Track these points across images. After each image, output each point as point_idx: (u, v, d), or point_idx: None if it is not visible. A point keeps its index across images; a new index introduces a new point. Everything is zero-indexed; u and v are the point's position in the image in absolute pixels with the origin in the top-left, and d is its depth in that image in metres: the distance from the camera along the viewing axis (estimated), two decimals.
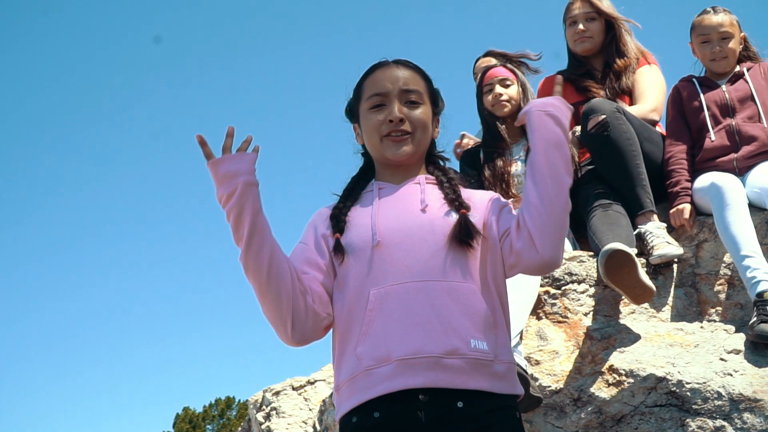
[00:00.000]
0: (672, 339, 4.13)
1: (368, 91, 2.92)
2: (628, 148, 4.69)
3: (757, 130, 4.74)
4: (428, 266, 2.68)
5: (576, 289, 4.41)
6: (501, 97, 4.97)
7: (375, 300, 2.66)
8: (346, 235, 2.79)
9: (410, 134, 2.87)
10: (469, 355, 2.60)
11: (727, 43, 4.95)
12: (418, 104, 2.89)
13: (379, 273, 2.69)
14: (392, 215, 2.79)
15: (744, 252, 4.22)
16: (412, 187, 2.88)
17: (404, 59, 2.99)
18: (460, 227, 2.72)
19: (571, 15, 5.46)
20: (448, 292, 2.66)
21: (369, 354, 2.63)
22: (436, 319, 2.62)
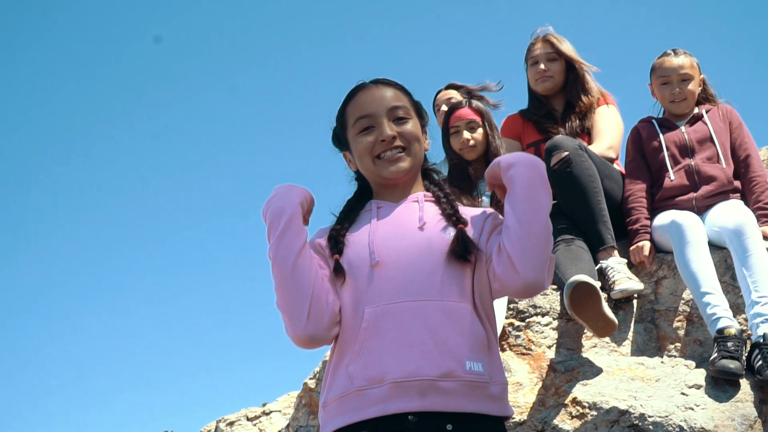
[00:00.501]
0: (633, 373, 4.18)
1: (353, 115, 2.91)
2: (590, 185, 4.77)
3: (716, 170, 4.84)
4: (424, 285, 2.67)
5: (540, 321, 4.45)
6: (468, 143, 5.04)
7: (370, 319, 2.64)
8: (344, 255, 2.77)
9: (405, 149, 2.86)
10: (465, 378, 2.59)
11: (686, 84, 5.07)
12: (407, 119, 2.88)
13: (375, 292, 2.67)
14: (390, 234, 2.78)
15: (704, 289, 4.30)
16: (410, 205, 2.87)
17: (382, 78, 2.99)
18: (458, 242, 2.71)
19: (532, 55, 5.56)
20: (444, 312, 2.64)
21: (362, 374, 2.60)
22: (432, 340, 2.60)
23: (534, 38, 5.61)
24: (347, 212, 2.93)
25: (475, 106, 5.14)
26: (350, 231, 2.85)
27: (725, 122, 5.04)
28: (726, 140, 4.98)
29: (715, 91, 5.24)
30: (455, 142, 5.07)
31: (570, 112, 5.45)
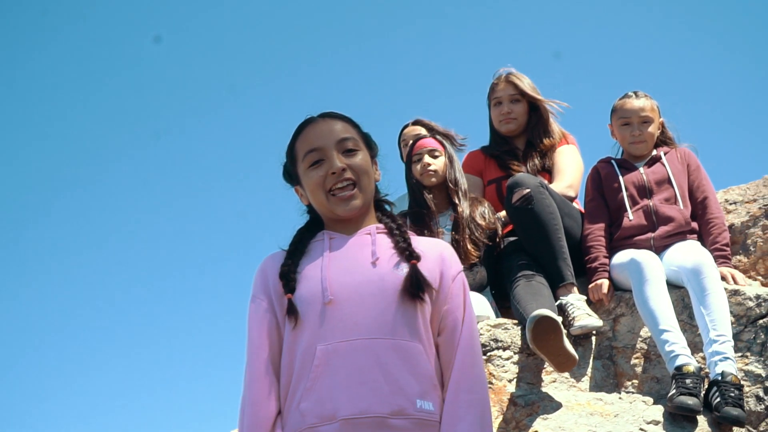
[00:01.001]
0: (592, 408, 4.22)
1: (303, 149, 2.91)
2: (551, 222, 4.83)
3: (674, 211, 4.93)
4: (377, 324, 2.68)
5: (501, 355, 4.48)
6: (429, 167, 5.09)
7: (322, 356, 2.65)
8: (296, 292, 2.77)
9: (355, 183, 2.86)
10: (415, 416, 2.62)
11: (646, 127, 5.17)
12: (356, 151, 2.89)
13: (327, 329, 2.68)
14: (343, 269, 2.78)
15: (663, 326, 4.37)
16: (363, 238, 2.87)
17: (329, 111, 3.00)
18: (411, 280, 2.73)
19: (495, 96, 5.64)
20: (396, 351, 2.66)
21: (313, 411, 2.62)
22: (383, 378, 2.62)
23: (496, 78, 5.69)
24: (297, 244, 2.92)
25: (438, 138, 5.22)
26: (302, 264, 2.84)
27: (683, 164, 5.14)
28: (684, 182, 5.08)
29: (674, 135, 5.35)
30: (417, 168, 5.12)
31: (531, 151, 5.53)
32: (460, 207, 4.99)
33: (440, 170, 5.12)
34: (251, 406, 2.70)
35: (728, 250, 4.88)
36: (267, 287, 2.83)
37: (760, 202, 5.32)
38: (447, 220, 5.04)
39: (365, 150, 2.93)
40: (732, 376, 4.15)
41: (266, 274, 2.86)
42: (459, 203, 5.01)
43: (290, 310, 2.74)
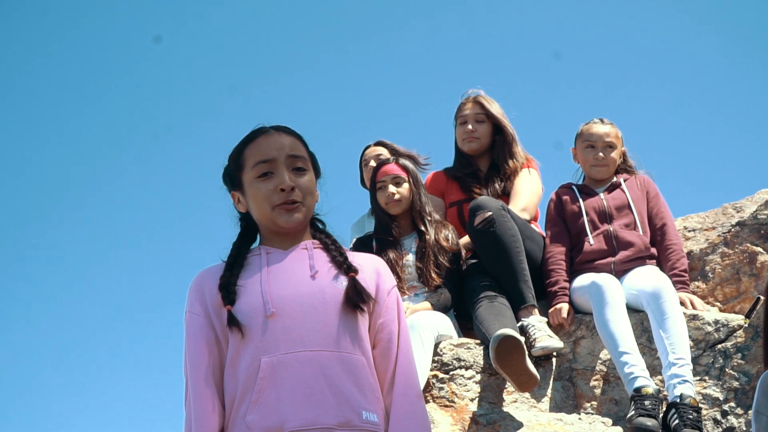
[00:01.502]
0: (552, 428, 4.26)
1: (252, 158, 2.90)
2: (512, 245, 4.88)
3: (634, 236, 5.01)
4: (320, 336, 2.69)
5: (463, 374, 4.51)
6: (394, 197, 5.10)
7: (266, 369, 2.65)
8: (237, 305, 2.76)
9: (300, 203, 2.86)
10: (361, 427, 2.63)
11: (610, 152, 5.26)
12: (305, 171, 2.89)
13: (271, 342, 2.68)
14: (282, 283, 2.79)
15: (622, 348, 4.42)
16: (299, 253, 2.88)
17: (283, 125, 2.99)
18: (352, 291, 2.76)
19: (462, 114, 5.69)
20: (341, 363, 2.68)
21: (260, 423, 2.61)
22: (329, 390, 2.63)
23: (464, 98, 5.75)
24: (236, 256, 2.92)
25: (402, 163, 5.22)
26: (240, 277, 2.83)
27: (642, 191, 5.23)
28: (643, 208, 5.16)
29: (634, 163, 5.44)
30: (381, 196, 5.13)
31: (494, 174, 5.58)
32: (427, 234, 5.02)
33: (405, 198, 5.13)
34: (197, 420, 2.69)
35: (687, 276, 4.96)
36: (203, 301, 2.82)
37: (719, 229, 5.41)
38: (412, 242, 5.07)
39: (311, 171, 2.94)
40: (690, 398, 4.21)
41: (202, 288, 2.85)
42: (426, 230, 5.04)
43: (231, 321, 2.73)
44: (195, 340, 2.77)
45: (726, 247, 5.28)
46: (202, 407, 2.70)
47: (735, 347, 4.53)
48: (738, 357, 4.49)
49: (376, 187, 5.19)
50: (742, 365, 4.47)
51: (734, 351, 4.52)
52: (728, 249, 5.26)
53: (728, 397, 4.41)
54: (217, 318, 2.77)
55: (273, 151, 2.87)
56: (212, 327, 2.77)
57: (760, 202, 5.37)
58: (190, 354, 2.77)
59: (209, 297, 2.81)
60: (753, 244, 5.19)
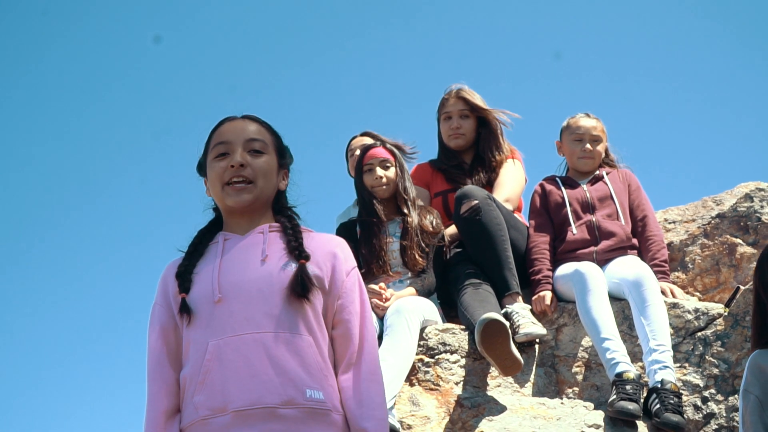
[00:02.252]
0: (535, 412, 4.33)
1: (213, 141, 2.97)
2: (498, 233, 4.95)
3: (616, 227, 5.09)
4: (266, 318, 2.75)
5: (449, 359, 4.57)
6: (381, 180, 5.14)
7: (213, 351, 2.72)
8: (191, 292, 2.83)
9: (252, 182, 2.90)
10: (305, 405, 2.68)
11: (596, 145, 5.36)
12: (262, 153, 2.94)
13: (218, 326, 2.75)
14: (234, 268, 2.84)
15: (604, 335, 4.50)
16: (255, 237, 2.92)
17: (253, 115, 3.05)
18: (297, 280, 2.79)
19: (446, 110, 5.75)
20: (285, 343, 2.72)
21: (205, 404, 2.68)
22: (273, 370, 2.68)
23: (447, 93, 5.80)
24: (196, 245, 2.97)
25: (389, 147, 5.27)
26: (199, 265, 2.90)
27: (624, 184, 5.32)
28: (625, 200, 5.24)
29: (616, 157, 5.53)
30: (368, 178, 5.16)
31: (478, 165, 5.64)
32: (410, 216, 5.05)
33: (391, 181, 5.18)
34: (149, 402, 2.78)
35: (667, 266, 5.05)
36: (166, 291, 2.90)
37: (699, 222, 5.51)
38: (396, 227, 5.11)
39: (273, 155, 2.98)
40: (671, 384, 4.29)
41: (166, 279, 2.93)
42: (408, 213, 5.07)
43: (182, 308, 2.80)
44: (151, 327, 2.87)
45: (706, 239, 5.37)
46: (152, 389, 2.79)
47: (715, 335, 4.61)
48: (718, 345, 4.58)
49: (362, 169, 5.22)
50: (722, 353, 4.55)
51: (714, 339, 4.61)
52: (708, 240, 5.36)
53: (708, 383, 4.50)
54: (175, 305, 2.85)
55: (231, 134, 2.94)
56: (172, 316, 2.85)
57: (740, 196, 5.47)
58: (149, 343, 2.86)
59: (171, 287, 2.88)
60: (732, 236, 5.29)
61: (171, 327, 2.84)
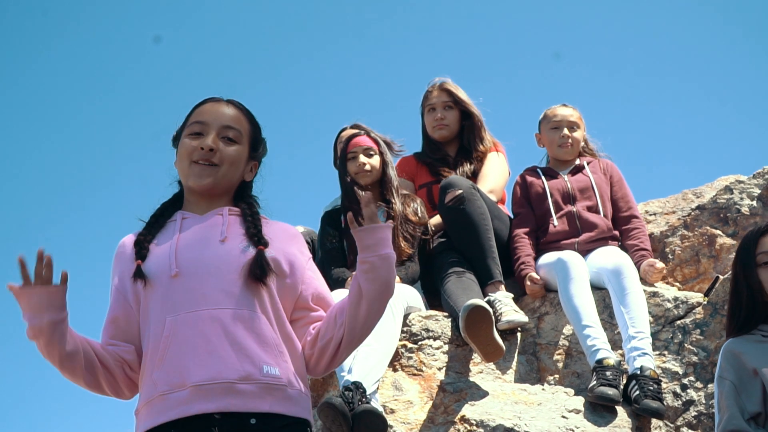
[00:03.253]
0: (517, 397, 4.38)
1: (192, 119, 3.00)
2: (481, 223, 5.01)
3: (597, 218, 5.16)
4: (223, 295, 2.78)
5: (432, 345, 4.62)
6: (364, 167, 5.18)
7: (170, 327, 2.74)
8: (146, 263, 2.85)
9: (217, 167, 2.93)
10: (262, 380, 2.71)
11: (573, 131, 5.43)
12: (235, 143, 2.96)
13: (176, 301, 2.77)
14: (192, 245, 2.87)
15: (585, 322, 4.56)
16: (215, 218, 2.94)
17: (237, 100, 3.08)
18: (256, 263, 2.82)
19: (429, 102, 5.81)
20: (242, 321, 2.76)
21: (164, 379, 2.71)
22: (231, 346, 2.72)
23: (431, 86, 5.87)
24: (157, 217, 3.00)
25: (373, 136, 5.32)
26: (156, 239, 2.92)
27: (606, 175, 5.38)
28: (606, 191, 5.30)
29: (595, 147, 5.60)
30: (352, 166, 5.20)
31: (462, 157, 5.70)
32: (394, 204, 5.10)
33: (375, 169, 5.21)
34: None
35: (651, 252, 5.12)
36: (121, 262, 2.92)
37: (679, 213, 5.57)
38: (380, 216, 5.15)
39: (245, 146, 3.00)
40: (650, 370, 4.35)
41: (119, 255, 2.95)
42: (393, 200, 5.12)
43: (137, 274, 2.82)
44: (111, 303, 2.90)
45: (686, 230, 5.44)
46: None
47: (694, 323, 4.68)
48: (697, 333, 4.65)
49: (346, 158, 5.26)
50: (701, 341, 4.62)
51: (693, 327, 4.67)
52: (688, 231, 5.43)
53: (687, 371, 4.56)
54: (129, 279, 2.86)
55: (209, 116, 2.96)
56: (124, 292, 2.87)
57: (720, 188, 5.54)
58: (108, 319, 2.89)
59: (125, 263, 2.90)
60: (712, 227, 5.36)
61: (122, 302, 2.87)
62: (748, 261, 3.53)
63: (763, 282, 3.48)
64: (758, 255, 3.50)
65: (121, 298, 2.87)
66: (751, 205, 5.33)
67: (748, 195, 5.38)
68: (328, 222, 5.24)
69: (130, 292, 2.85)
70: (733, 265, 3.66)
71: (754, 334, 3.48)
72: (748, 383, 3.35)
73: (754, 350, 3.41)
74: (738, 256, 3.62)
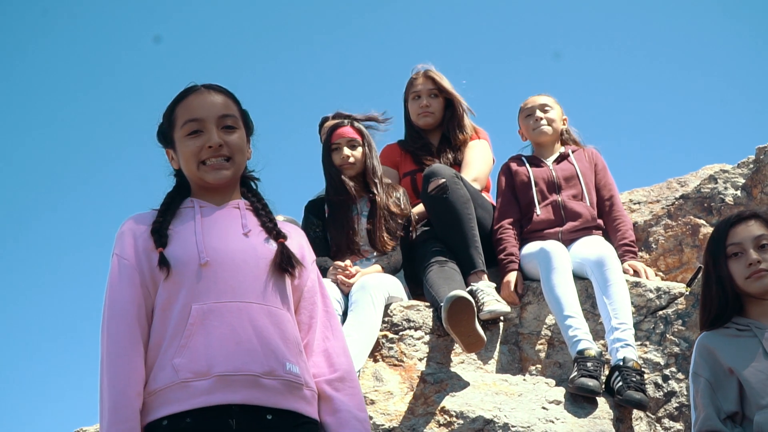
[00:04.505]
0: (498, 388, 4.37)
1: (182, 117, 2.95)
2: (464, 212, 4.98)
3: (581, 207, 5.14)
4: (251, 289, 2.78)
5: (413, 335, 4.61)
6: (348, 159, 5.16)
7: (197, 315, 2.72)
8: (169, 249, 2.81)
9: (230, 159, 2.93)
10: (284, 377, 2.72)
11: (547, 112, 5.43)
12: (234, 129, 2.95)
13: (203, 290, 2.75)
14: (216, 235, 2.85)
15: (567, 312, 4.54)
16: (231, 211, 2.95)
17: (215, 84, 3.05)
18: (282, 255, 2.85)
19: (415, 90, 5.78)
20: (268, 315, 2.77)
21: (187, 366, 2.67)
22: (257, 339, 2.72)
23: (415, 73, 5.83)
24: (168, 204, 2.97)
25: (357, 127, 5.30)
26: (172, 225, 2.89)
27: (591, 164, 5.36)
28: (590, 180, 5.28)
29: (578, 137, 5.58)
30: (336, 157, 5.19)
31: (445, 146, 5.68)
32: (378, 196, 5.08)
33: (358, 161, 5.20)
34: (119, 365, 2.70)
35: (635, 247, 5.11)
36: (134, 246, 2.85)
37: (663, 203, 5.56)
38: (363, 206, 5.13)
39: (242, 128, 2.99)
40: (633, 361, 4.34)
41: (133, 233, 2.88)
42: (377, 192, 5.10)
43: (161, 261, 2.78)
44: (122, 284, 2.79)
45: (669, 219, 5.42)
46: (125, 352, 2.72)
47: (676, 314, 4.67)
48: (679, 323, 4.63)
49: (330, 148, 5.24)
50: (683, 331, 4.61)
51: (675, 317, 4.66)
52: (671, 221, 5.41)
53: (669, 362, 4.55)
54: (147, 262, 2.80)
55: (202, 110, 2.93)
56: (141, 272, 2.80)
57: (704, 177, 5.53)
58: (114, 296, 2.79)
59: (141, 242, 2.84)
60: (696, 217, 5.35)
61: (139, 284, 2.79)
62: (718, 253, 3.52)
63: (733, 274, 3.47)
64: (728, 246, 3.49)
65: (137, 278, 2.79)
66: (735, 194, 5.32)
67: (732, 184, 5.36)
68: (311, 211, 5.22)
69: (147, 273, 2.79)
70: (704, 257, 3.65)
71: (728, 328, 3.46)
72: (723, 382, 3.34)
73: (729, 346, 3.39)
74: (708, 247, 3.61)
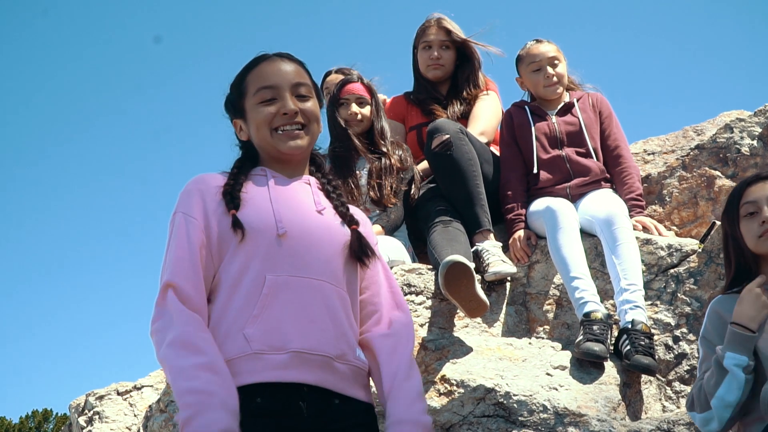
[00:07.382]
0: (502, 353, 4.26)
1: (255, 84, 2.88)
2: (469, 169, 4.83)
3: (589, 161, 4.95)
4: (325, 268, 2.72)
5: (414, 300, 4.50)
6: (356, 116, 5.07)
7: (271, 286, 2.65)
8: (242, 213, 2.73)
9: (305, 126, 2.86)
10: (353, 363, 2.69)
11: (557, 67, 5.17)
12: (308, 97, 2.89)
13: (278, 261, 2.68)
14: (291, 208, 2.78)
15: (573, 273, 4.40)
16: (303, 186, 2.88)
17: (286, 53, 2.97)
18: (358, 243, 2.80)
19: (426, 39, 5.59)
20: (339, 298, 2.72)
21: (261, 338, 2.60)
22: (331, 321, 2.67)
23: (427, 21, 5.64)
24: (240, 168, 2.89)
25: (366, 84, 5.19)
26: (245, 189, 2.81)
27: (595, 112, 5.14)
28: (596, 131, 5.08)
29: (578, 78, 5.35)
30: (343, 112, 5.10)
31: (454, 98, 5.52)
32: (387, 155, 4.99)
33: (366, 118, 5.12)
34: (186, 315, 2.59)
35: (643, 201, 4.92)
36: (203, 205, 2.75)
37: (678, 153, 5.37)
38: (364, 162, 5.03)
39: (315, 99, 2.93)
40: (642, 324, 4.19)
41: (201, 193, 2.78)
42: (388, 151, 5.02)
43: (235, 224, 2.69)
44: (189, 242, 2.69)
45: (684, 171, 5.23)
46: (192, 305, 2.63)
47: (688, 272, 4.51)
48: (690, 282, 4.48)
49: (338, 102, 5.14)
50: (695, 290, 4.45)
51: (687, 276, 4.50)
52: (686, 173, 5.22)
53: (680, 322, 4.41)
54: (217, 224, 2.73)
55: (276, 77, 2.86)
56: (207, 234, 2.72)
57: (721, 125, 5.32)
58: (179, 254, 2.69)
59: (210, 202, 2.76)
60: (711, 168, 5.15)
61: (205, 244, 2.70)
62: (733, 213, 3.39)
63: (744, 235, 3.33)
64: (742, 206, 3.36)
65: (203, 238, 2.71)
66: (752, 144, 5.10)
67: (748, 134, 5.14)
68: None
69: (215, 236, 2.71)
70: (721, 217, 3.52)
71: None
72: None
73: None
74: (725, 208, 3.48)
